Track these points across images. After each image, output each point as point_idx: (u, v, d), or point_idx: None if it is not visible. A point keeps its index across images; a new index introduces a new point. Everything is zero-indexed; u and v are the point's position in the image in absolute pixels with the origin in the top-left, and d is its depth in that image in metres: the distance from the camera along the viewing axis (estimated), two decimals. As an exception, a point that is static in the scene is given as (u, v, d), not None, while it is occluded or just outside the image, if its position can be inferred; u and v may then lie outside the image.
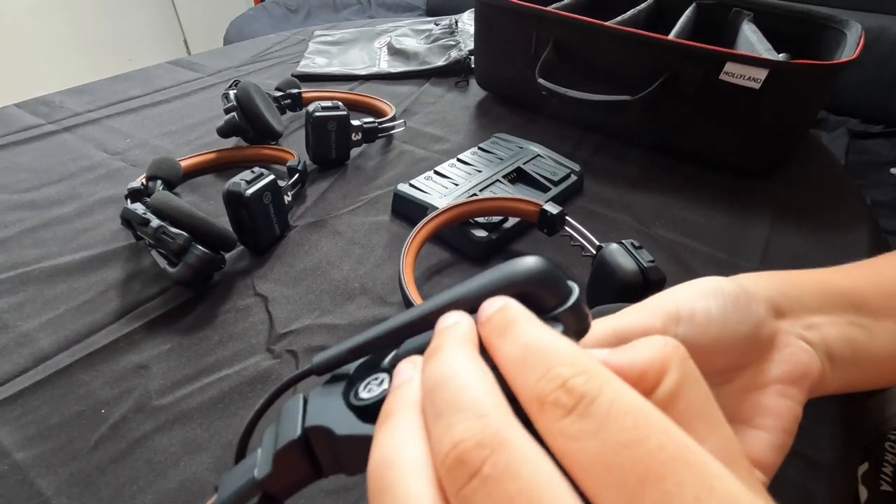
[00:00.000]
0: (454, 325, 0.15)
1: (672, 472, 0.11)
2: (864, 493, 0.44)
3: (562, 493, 0.11)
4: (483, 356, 0.14)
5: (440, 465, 0.12)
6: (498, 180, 0.53)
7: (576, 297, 0.15)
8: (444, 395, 0.13)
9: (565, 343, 0.13)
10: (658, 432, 0.11)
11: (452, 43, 0.89)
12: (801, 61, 0.52)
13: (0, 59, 1.98)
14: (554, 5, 0.68)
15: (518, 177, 0.55)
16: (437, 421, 0.13)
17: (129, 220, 0.44)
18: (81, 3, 2.16)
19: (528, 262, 0.15)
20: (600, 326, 0.23)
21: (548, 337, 0.13)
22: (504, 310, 0.15)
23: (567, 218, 0.44)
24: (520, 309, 0.15)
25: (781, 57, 0.57)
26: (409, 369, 0.15)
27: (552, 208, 0.44)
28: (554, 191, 0.53)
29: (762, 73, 0.52)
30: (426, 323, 0.16)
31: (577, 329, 0.15)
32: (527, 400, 0.13)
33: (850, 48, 0.55)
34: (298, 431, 0.16)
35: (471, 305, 0.16)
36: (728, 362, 0.25)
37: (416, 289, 0.41)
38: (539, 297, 0.15)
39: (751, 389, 0.25)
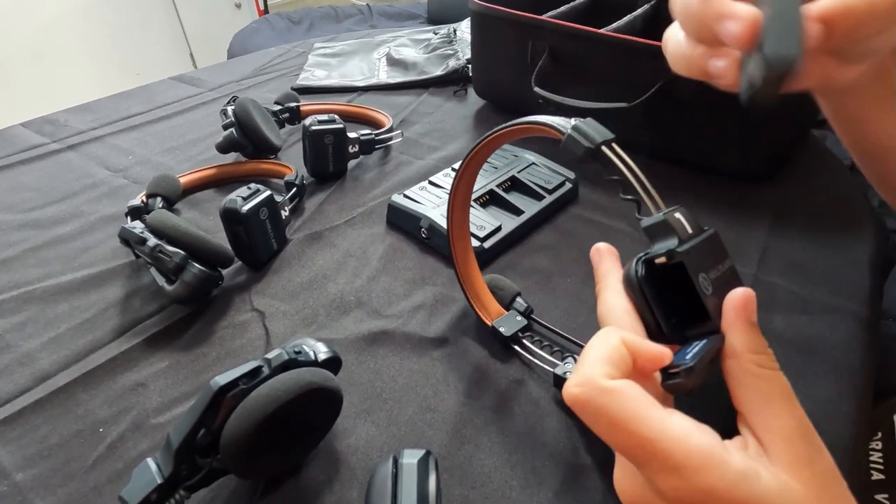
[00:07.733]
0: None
1: None
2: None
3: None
4: None
5: None
6: (492, 189, 0.53)
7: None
8: None
9: None
10: None
11: (451, 52, 0.90)
12: (797, 64, 0.51)
13: (14, 75, 2.03)
14: (549, 13, 0.68)
15: (512, 185, 0.55)
16: None
17: (127, 240, 0.44)
18: (90, 20, 2.21)
19: None
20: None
21: None
22: None
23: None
24: None
25: (778, 59, 0.57)
26: None
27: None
28: (548, 199, 0.53)
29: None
30: None
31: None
32: None
33: (848, 49, 0.54)
34: None
35: None
36: None
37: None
38: None
39: None
